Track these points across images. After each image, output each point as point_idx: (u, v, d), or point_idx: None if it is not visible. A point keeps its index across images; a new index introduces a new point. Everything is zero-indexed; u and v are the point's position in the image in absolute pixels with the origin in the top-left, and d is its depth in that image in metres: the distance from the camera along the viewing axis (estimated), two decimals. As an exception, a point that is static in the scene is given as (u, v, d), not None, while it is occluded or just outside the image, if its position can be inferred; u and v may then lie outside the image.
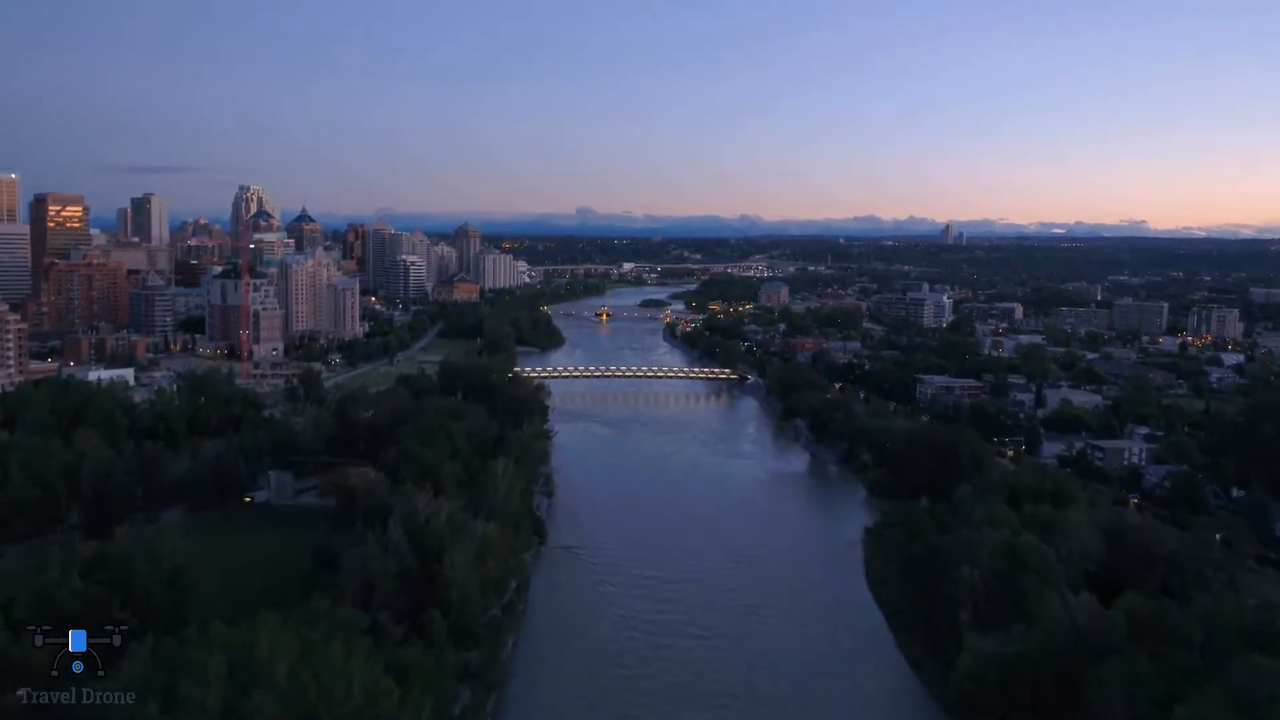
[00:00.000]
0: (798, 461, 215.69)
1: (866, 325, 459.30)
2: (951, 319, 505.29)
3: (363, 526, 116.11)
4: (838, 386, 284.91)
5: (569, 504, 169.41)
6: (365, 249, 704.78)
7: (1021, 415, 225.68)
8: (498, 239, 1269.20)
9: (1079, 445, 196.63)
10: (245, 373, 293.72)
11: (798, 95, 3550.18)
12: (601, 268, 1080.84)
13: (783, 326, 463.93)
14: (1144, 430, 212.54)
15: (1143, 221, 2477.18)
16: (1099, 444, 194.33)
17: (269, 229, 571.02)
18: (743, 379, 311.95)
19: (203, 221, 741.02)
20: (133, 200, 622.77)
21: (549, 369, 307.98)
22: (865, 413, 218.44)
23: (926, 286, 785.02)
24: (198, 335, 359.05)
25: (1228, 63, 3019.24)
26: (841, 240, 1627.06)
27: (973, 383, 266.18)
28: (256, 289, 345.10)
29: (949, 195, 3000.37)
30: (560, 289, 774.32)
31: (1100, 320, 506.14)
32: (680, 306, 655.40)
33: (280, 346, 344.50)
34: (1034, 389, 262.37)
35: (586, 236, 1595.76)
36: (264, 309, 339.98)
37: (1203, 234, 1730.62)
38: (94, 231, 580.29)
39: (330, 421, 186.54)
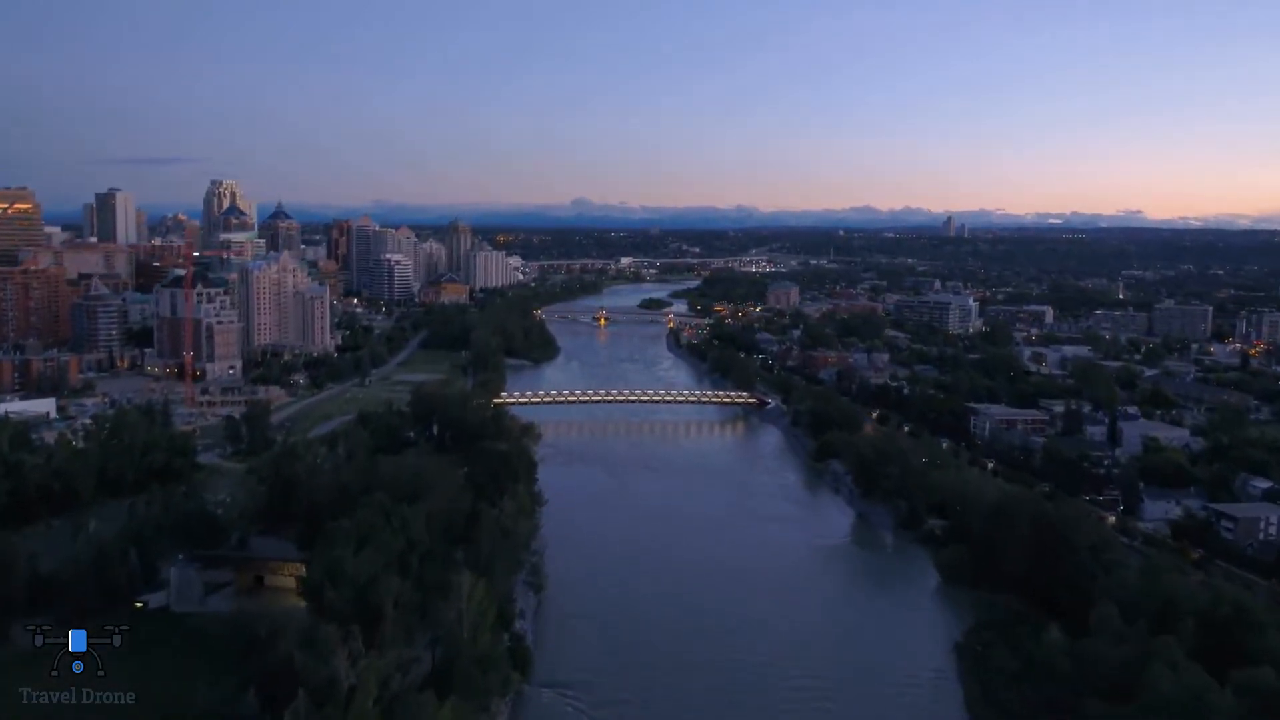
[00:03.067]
0: (840, 521, 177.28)
1: (889, 333, 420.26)
2: (979, 323, 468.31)
3: (259, 703, 78.95)
4: (874, 415, 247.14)
5: (562, 601, 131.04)
6: (349, 247, 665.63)
7: (1107, 462, 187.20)
8: (493, 231, 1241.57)
9: (1197, 510, 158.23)
10: (190, 399, 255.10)
11: (794, 87, 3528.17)
12: (598, 263, 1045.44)
13: (797, 333, 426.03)
14: (1262, 483, 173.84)
15: (1139, 211, 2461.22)
16: (1222, 509, 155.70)
17: (241, 227, 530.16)
18: (762, 403, 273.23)
19: (181, 218, 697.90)
20: (97, 196, 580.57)
21: (540, 394, 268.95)
22: (923, 460, 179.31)
23: (938, 284, 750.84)
24: (149, 350, 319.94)
25: (1223, 54, 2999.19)
26: (841, 232, 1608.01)
27: (1036, 414, 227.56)
28: (211, 299, 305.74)
29: (945, 186, 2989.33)
30: (555, 288, 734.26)
31: (1138, 324, 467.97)
32: (682, 307, 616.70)
33: (238, 364, 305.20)
34: (1105, 421, 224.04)
35: (583, 228, 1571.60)
36: (219, 322, 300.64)
37: (1199, 224, 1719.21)
38: (54, 230, 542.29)
39: (263, 490, 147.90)
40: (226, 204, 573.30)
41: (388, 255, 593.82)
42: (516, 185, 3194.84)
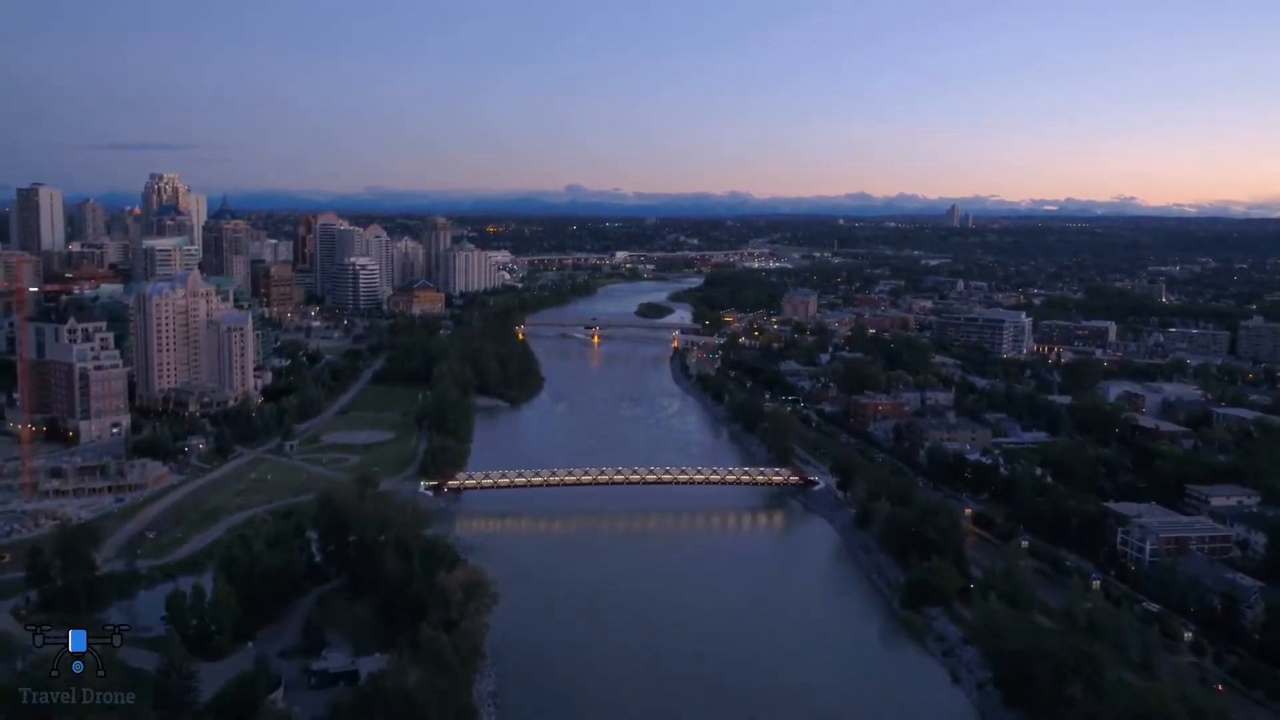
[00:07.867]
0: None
1: (935, 358, 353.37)
2: (1032, 342, 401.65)
3: None
4: (969, 513, 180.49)
5: None
6: (315, 245, 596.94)
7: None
8: (486, 220, 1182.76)
9: None
10: (28, 487, 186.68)
11: (789, 76, 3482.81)
12: (593, 258, 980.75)
13: (826, 357, 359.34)
14: None
15: (1133, 198, 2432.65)
16: None
17: (177, 229, 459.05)
18: (806, 483, 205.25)
19: (137, 211, 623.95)
20: (19, 191, 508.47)
21: (511, 476, 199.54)
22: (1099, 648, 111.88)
23: (961, 285, 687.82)
24: (19, 396, 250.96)
25: (1215, 42, 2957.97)
26: (840, 221, 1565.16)
27: (1213, 527, 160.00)
28: (88, 337, 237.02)
29: (940, 172, 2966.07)
30: (545, 291, 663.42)
31: (1220, 344, 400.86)
32: (685, 314, 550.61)
33: (125, 421, 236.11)
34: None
35: (577, 216, 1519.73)
36: (97, 367, 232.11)
37: (1194, 211, 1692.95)
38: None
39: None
40: (165, 199, 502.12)
41: (353, 259, 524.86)
42: (512, 171, 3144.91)
